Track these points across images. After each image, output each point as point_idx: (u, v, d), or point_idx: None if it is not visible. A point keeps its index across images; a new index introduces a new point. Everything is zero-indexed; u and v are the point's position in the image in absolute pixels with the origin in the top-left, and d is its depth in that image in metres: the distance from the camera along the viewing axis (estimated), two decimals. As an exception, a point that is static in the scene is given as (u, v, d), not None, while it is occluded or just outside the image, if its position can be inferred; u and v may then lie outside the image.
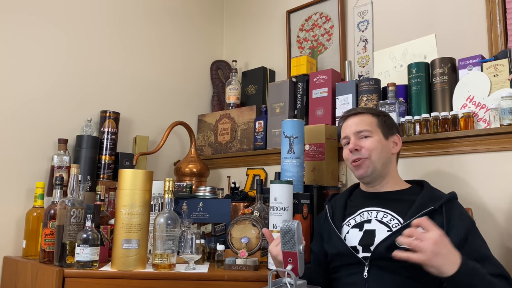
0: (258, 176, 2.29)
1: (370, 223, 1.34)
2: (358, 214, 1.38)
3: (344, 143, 1.45)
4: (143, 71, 2.40)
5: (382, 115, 1.45)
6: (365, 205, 1.39)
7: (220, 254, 1.55)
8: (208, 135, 2.54)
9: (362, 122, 1.41)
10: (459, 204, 1.31)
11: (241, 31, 2.77)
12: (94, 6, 2.22)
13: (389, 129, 1.44)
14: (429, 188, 1.37)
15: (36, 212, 1.74)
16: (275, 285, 1.00)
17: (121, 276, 1.40)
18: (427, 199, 1.30)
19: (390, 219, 1.31)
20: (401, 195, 1.38)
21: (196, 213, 1.76)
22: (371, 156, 1.37)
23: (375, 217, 1.34)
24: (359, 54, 2.15)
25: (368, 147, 1.38)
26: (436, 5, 1.91)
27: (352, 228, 1.36)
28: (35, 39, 1.99)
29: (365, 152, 1.38)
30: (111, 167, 2.08)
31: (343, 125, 1.47)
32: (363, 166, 1.38)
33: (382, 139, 1.40)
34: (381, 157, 1.38)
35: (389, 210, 1.33)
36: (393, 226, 1.28)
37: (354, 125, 1.42)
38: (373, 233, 1.31)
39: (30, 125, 1.94)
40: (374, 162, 1.37)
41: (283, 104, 2.19)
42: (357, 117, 1.43)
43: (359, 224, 1.36)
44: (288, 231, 1.03)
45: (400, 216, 1.30)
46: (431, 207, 1.26)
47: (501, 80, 1.59)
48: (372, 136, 1.39)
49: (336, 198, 1.52)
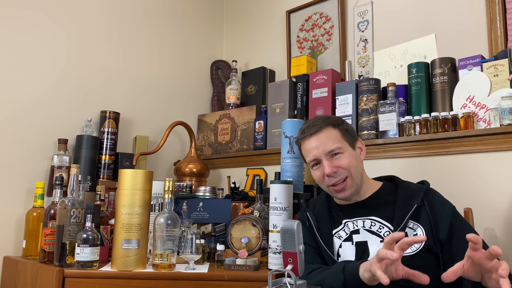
0: (258, 176, 2.29)
1: (358, 234, 1.29)
2: (345, 226, 1.32)
3: (313, 165, 1.33)
4: (143, 71, 2.40)
5: (341, 123, 1.34)
6: (348, 215, 1.33)
7: (220, 254, 1.55)
8: (208, 135, 2.54)
9: (328, 140, 1.29)
10: (435, 192, 1.30)
11: (241, 31, 2.77)
12: (94, 6, 2.22)
13: (352, 137, 1.35)
14: (403, 184, 1.33)
15: (36, 212, 1.74)
16: (275, 285, 1.00)
17: (121, 276, 1.40)
18: (406, 197, 1.27)
19: (380, 227, 1.27)
20: (379, 198, 1.33)
21: (196, 213, 1.76)
22: (350, 173, 1.28)
23: (362, 227, 1.29)
24: (359, 54, 2.15)
25: (345, 166, 1.28)
26: (436, 5, 1.91)
27: (344, 242, 1.30)
28: (35, 40, 1.99)
29: (343, 172, 1.28)
30: (111, 167, 2.08)
31: (306, 145, 1.33)
32: (346, 188, 1.28)
33: (351, 151, 1.32)
34: (358, 170, 1.30)
35: (375, 217, 1.29)
36: (384, 235, 1.25)
37: (321, 145, 1.29)
38: (365, 245, 1.26)
39: (30, 125, 1.94)
40: (355, 179, 1.29)
41: (283, 104, 2.19)
42: (321, 134, 1.30)
43: (349, 236, 1.30)
44: (288, 231, 1.03)
45: (388, 221, 1.26)
46: (414, 205, 1.24)
47: (501, 80, 1.59)
48: (343, 151, 1.29)
49: (314, 204, 1.43)
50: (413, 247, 1.20)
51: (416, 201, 1.25)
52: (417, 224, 1.24)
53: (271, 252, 1.47)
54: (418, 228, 1.23)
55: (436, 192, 1.30)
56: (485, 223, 1.54)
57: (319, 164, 1.31)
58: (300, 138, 1.37)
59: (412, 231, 1.23)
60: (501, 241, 1.52)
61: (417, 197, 1.26)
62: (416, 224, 1.24)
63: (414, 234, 1.22)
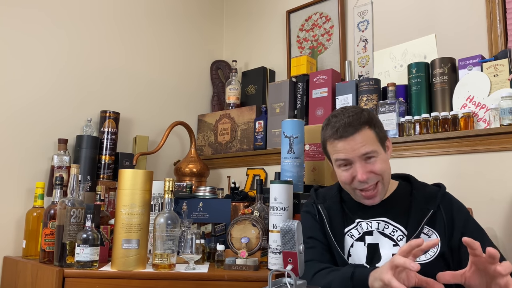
0: (258, 176, 2.29)
1: (372, 236, 1.22)
2: (358, 225, 1.25)
3: (341, 164, 1.21)
4: (143, 71, 2.40)
5: (375, 120, 1.23)
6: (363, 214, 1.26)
7: (220, 254, 1.55)
8: (208, 135, 2.54)
9: (366, 142, 1.17)
10: (452, 197, 1.24)
11: (241, 31, 2.77)
12: (94, 6, 2.22)
13: (384, 137, 1.24)
14: (418, 186, 1.27)
15: (36, 212, 1.74)
16: (275, 285, 1.00)
17: (121, 276, 1.40)
18: (422, 202, 1.22)
19: (393, 230, 1.21)
20: (395, 200, 1.26)
21: (196, 213, 1.76)
22: (382, 179, 1.20)
23: (376, 228, 1.23)
24: (359, 54, 2.15)
25: (379, 171, 1.18)
26: (436, 5, 1.91)
27: (356, 241, 1.24)
28: (35, 39, 1.99)
29: (375, 177, 1.19)
30: (111, 167, 2.08)
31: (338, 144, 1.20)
32: (377, 195, 1.21)
33: (384, 154, 1.22)
34: (388, 175, 1.22)
35: (389, 219, 1.23)
36: (397, 239, 1.20)
37: (357, 148, 1.17)
38: (376, 247, 1.21)
39: (30, 125, 1.94)
40: (385, 185, 1.21)
41: (283, 104, 2.19)
42: (358, 136, 1.17)
43: (362, 236, 1.23)
44: (288, 231, 1.03)
45: (401, 225, 1.21)
46: (430, 211, 1.18)
47: (501, 80, 1.59)
48: (378, 156, 1.19)
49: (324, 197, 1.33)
50: (427, 255, 1.15)
51: (432, 206, 1.19)
52: (432, 230, 1.19)
53: (271, 252, 1.47)
54: (433, 234, 1.18)
55: (452, 197, 1.24)
56: (485, 223, 1.53)
57: (348, 166, 1.20)
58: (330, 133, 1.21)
59: (426, 237, 1.17)
60: (501, 241, 1.52)
61: (434, 202, 1.20)
62: (431, 230, 1.19)
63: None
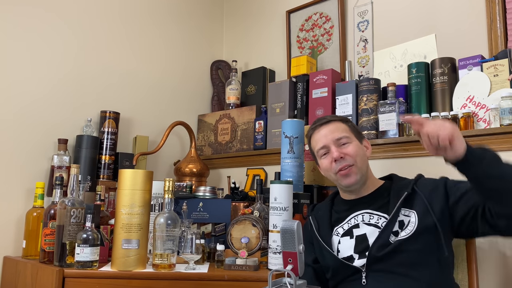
0: (258, 176, 2.29)
1: (358, 228, 1.34)
2: (346, 222, 1.38)
3: (322, 154, 1.41)
4: (143, 71, 2.40)
5: (349, 121, 1.47)
6: (351, 211, 1.39)
7: (220, 254, 1.55)
8: (208, 135, 2.54)
9: (337, 129, 1.40)
10: (427, 178, 1.36)
11: (241, 31, 2.77)
12: (94, 6, 2.22)
13: (359, 134, 1.46)
14: (398, 178, 1.41)
15: (36, 212, 1.74)
16: (275, 285, 1.00)
17: (121, 276, 1.40)
18: (399, 189, 1.33)
19: (378, 218, 1.32)
20: (378, 193, 1.39)
21: (196, 213, 1.76)
22: (356, 162, 1.35)
23: (361, 221, 1.35)
24: (359, 54, 2.15)
25: (352, 153, 1.36)
26: (436, 5, 1.91)
27: (342, 237, 1.36)
28: (35, 40, 1.99)
29: (350, 158, 1.35)
30: (111, 167, 2.08)
31: (316, 135, 1.43)
32: (351, 174, 1.35)
33: (358, 143, 1.41)
34: (363, 161, 1.38)
35: (372, 210, 1.34)
36: (381, 225, 1.29)
37: (330, 133, 1.39)
38: (364, 237, 1.31)
39: (30, 125, 1.94)
40: (360, 168, 1.36)
41: (283, 104, 2.19)
42: (330, 125, 1.41)
43: (348, 231, 1.35)
44: (288, 231, 1.03)
45: (384, 212, 1.32)
46: (404, 193, 1.28)
47: (501, 80, 1.59)
48: (351, 142, 1.39)
49: (319, 209, 1.50)
50: (407, 230, 1.24)
51: (406, 189, 1.30)
52: (409, 210, 1.28)
53: (271, 252, 1.47)
54: (412, 213, 1.27)
55: (427, 178, 1.35)
56: (485, 223, 1.54)
57: (327, 154, 1.39)
58: (310, 129, 1.47)
59: (406, 218, 1.27)
60: (501, 240, 1.52)
61: (407, 186, 1.31)
62: (409, 210, 1.28)
63: (408, 221, 1.26)
